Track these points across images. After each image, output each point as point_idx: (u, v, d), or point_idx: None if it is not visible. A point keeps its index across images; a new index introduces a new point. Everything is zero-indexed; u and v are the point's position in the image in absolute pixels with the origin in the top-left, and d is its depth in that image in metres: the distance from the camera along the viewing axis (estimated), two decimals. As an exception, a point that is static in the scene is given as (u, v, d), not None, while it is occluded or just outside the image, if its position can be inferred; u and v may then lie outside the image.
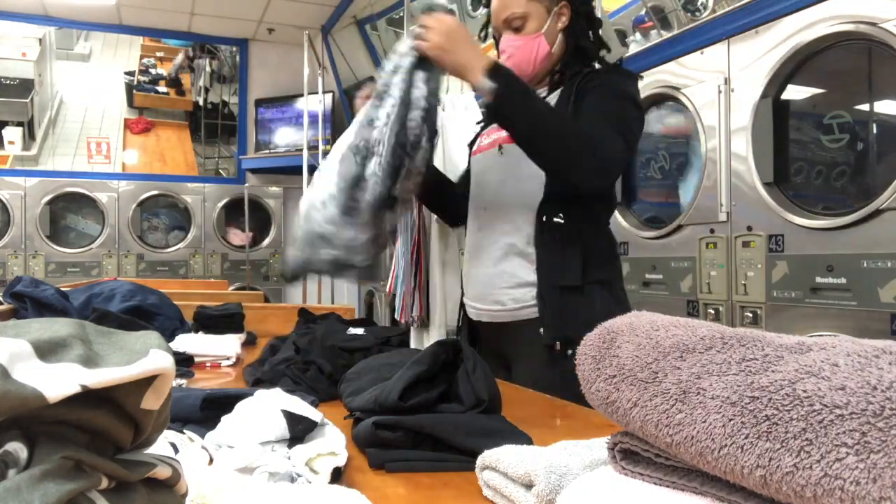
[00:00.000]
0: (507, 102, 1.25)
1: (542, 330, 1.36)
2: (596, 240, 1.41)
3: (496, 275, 1.45)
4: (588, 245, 1.38)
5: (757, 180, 2.24)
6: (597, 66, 1.45)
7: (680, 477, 0.44)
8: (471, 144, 1.64)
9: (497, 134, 1.47)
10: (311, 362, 1.20)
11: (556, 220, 1.37)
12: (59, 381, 0.33)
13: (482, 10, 4.22)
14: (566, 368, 0.97)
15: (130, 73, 6.41)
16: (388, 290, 3.09)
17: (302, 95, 4.78)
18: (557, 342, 1.34)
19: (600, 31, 1.52)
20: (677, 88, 2.55)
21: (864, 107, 2.07)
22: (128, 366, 0.36)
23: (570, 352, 1.30)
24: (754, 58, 2.26)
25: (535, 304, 1.39)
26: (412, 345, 2.83)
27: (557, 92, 1.43)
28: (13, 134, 5.96)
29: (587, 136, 1.27)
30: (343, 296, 6.73)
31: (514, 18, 1.43)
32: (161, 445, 0.71)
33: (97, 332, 0.39)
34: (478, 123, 1.66)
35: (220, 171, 6.75)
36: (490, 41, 1.58)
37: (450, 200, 1.65)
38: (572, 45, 1.46)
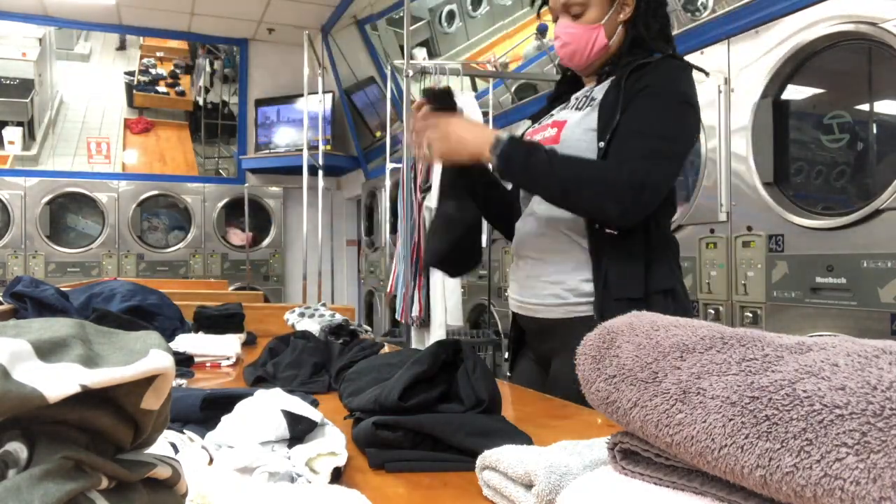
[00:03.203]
0: (511, 173, 1.31)
1: None
2: (656, 246, 1.32)
3: (544, 273, 1.37)
4: (648, 253, 1.30)
5: (757, 180, 2.24)
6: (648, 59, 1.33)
7: (680, 477, 0.44)
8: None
9: (540, 135, 1.41)
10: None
11: (608, 231, 1.29)
12: (59, 381, 0.33)
13: (482, 10, 4.22)
14: None
15: (130, 73, 6.41)
16: (388, 290, 3.09)
17: (302, 95, 4.78)
18: None
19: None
20: (677, 88, 2.55)
21: (864, 107, 2.07)
22: (128, 366, 0.36)
23: None
24: (754, 58, 2.26)
25: (584, 302, 1.31)
26: (412, 345, 2.83)
27: (606, 84, 1.35)
28: (13, 134, 5.96)
29: (608, 179, 1.23)
30: (343, 296, 6.73)
31: (573, 4, 1.35)
32: (161, 445, 0.71)
33: (97, 332, 0.39)
34: (530, 125, 1.56)
35: (220, 171, 6.76)
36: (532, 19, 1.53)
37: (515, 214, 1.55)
38: (630, 39, 1.36)
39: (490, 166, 1.31)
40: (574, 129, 1.33)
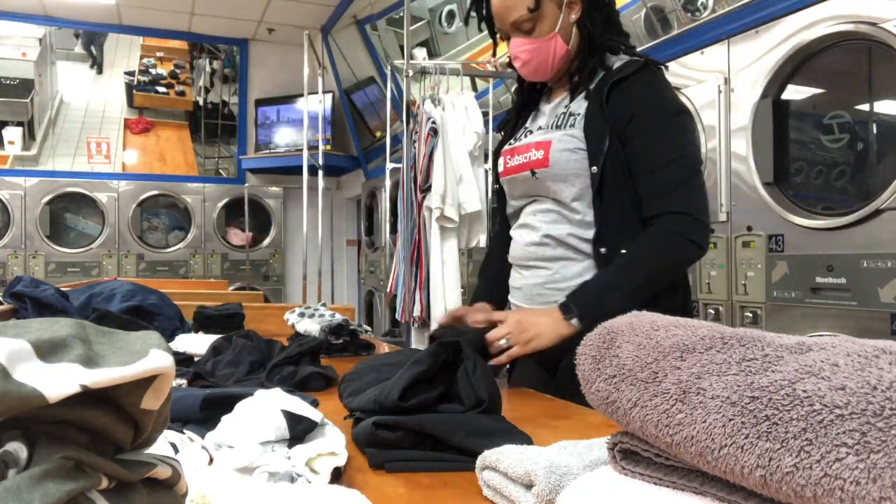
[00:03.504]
0: (601, 318, 1.32)
1: None
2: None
3: (551, 281, 1.36)
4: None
5: (757, 180, 2.24)
6: (617, 61, 1.33)
7: (680, 477, 0.44)
8: (495, 155, 1.52)
9: (524, 156, 1.38)
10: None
11: (623, 252, 1.27)
12: (59, 381, 0.33)
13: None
14: None
15: (130, 73, 6.41)
16: (388, 290, 3.09)
17: (302, 95, 4.78)
18: None
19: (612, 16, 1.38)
20: (677, 88, 2.55)
21: (864, 107, 2.07)
22: (128, 366, 0.36)
23: None
24: (754, 58, 2.26)
25: None
26: (412, 345, 2.83)
27: (582, 100, 1.33)
28: (13, 134, 5.96)
29: (667, 244, 1.25)
30: (343, 296, 6.73)
31: (523, 21, 1.31)
32: (161, 445, 0.71)
33: (97, 332, 0.39)
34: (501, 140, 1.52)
35: (220, 171, 6.75)
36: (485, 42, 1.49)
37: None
38: (587, 38, 1.34)
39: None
40: (562, 151, 1.31)
